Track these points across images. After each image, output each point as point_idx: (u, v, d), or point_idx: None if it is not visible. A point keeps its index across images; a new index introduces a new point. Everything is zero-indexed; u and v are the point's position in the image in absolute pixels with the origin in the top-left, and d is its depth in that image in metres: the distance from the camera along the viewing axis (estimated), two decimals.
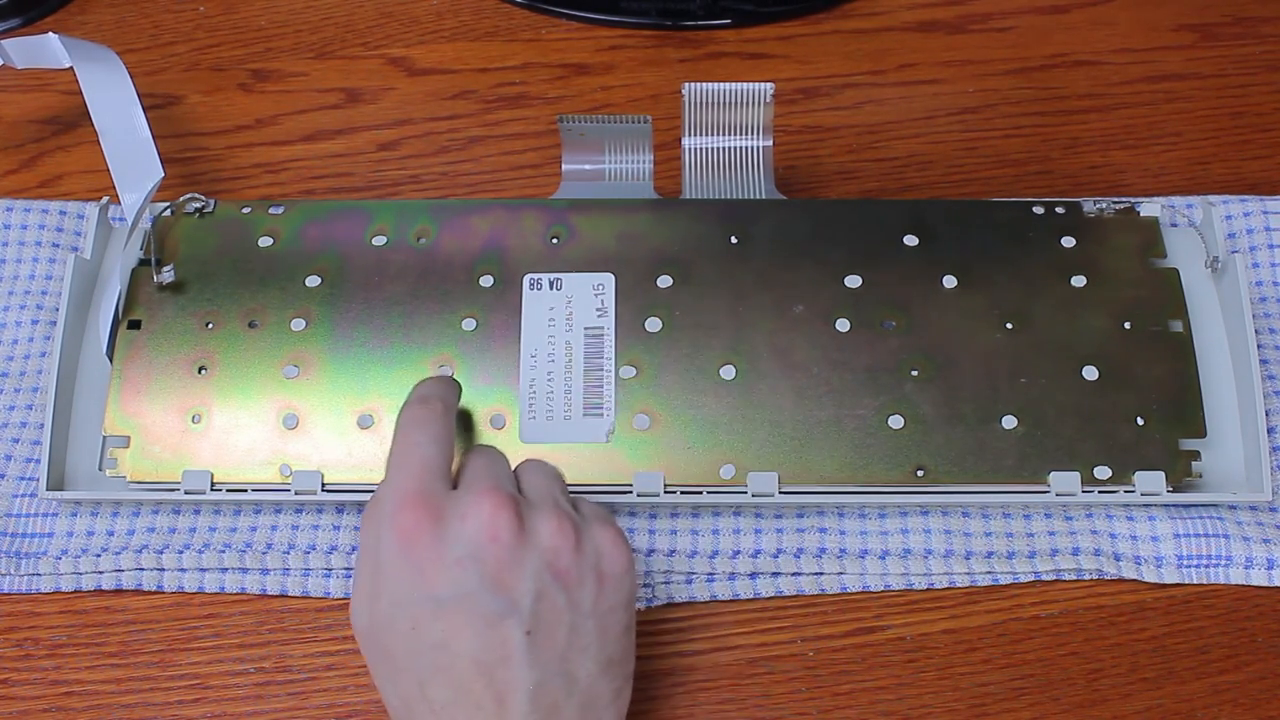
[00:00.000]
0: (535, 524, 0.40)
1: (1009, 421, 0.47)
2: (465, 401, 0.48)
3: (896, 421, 0.47)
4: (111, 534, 0.48)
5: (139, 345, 0.49)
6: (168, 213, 0.52)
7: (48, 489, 0.47)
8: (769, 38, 0.64)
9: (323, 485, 0.47)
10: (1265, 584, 0.47)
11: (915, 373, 0.48)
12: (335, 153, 0.60)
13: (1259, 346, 0.49)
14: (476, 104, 0.62)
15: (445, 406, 0.43)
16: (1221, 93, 0.62)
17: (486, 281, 0.50)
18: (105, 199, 0.52)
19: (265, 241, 0.51)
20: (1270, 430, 0.50)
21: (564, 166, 0.54)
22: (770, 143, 0.53)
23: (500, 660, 0.38)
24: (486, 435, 0.47)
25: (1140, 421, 0.47)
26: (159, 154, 0.52)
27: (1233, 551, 0.47)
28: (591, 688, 0.39)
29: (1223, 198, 0.56)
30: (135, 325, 0.49)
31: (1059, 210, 0.51)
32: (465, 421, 0.48)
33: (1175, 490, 0.46)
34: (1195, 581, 0.48)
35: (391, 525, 0.39)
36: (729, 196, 0.53)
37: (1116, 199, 0.52)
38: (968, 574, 0.47)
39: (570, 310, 0.49)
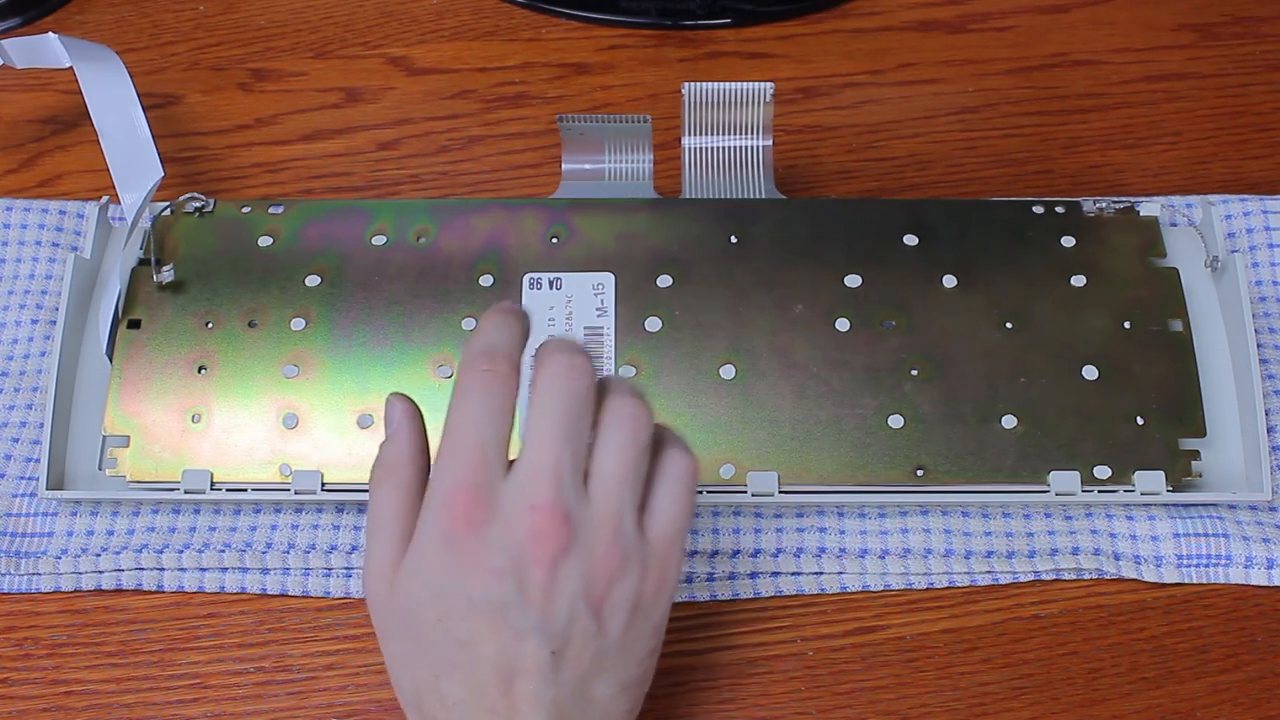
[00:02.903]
0: (584, 546, 0.38)
1: (1009, 421, 0.47)
2: None
3: (896, 421, 0.47)
4: (111, 534, 0.48)
5: (139, 345, 0.49)
6: (167, 212, 0.52)
7: (48, 488, 0.47)
8: (769, 37, 0.64)
9: (322, 485, 0.47)
10: (1265, 584, 0.47)
11: (915, 372, 0.48)
12: (335, 152, 0.60)
13: (1259, 346, 0.49)
14: (476, 104, 0.62)
15: (511, 365, 0.39)
16: (1221, 93, 0.62)
17: (486, 281, 0.50)
18: (105, 199, 0.52)
19: (265, 241, 0.51)
20: (1270, 430, 0.50)
21: (564, 166, 0.54)
22: (770, 142, 0.53)
23: (522, 672, 0.38)
24: None
25: (1140, 421, 0.47)
26: (159, 154, 0.52)
27: (1232, 551, 0.47)
28: (607, 707, 0.39)
29: (1223, 197, 0.56)
30: (135, 325, 0.49)
31: (1059, 210, 0.51)
32: None
33: (1175, 490, 0.46)
34: (1195, 581, 0.48)
35: (438, 509, 0.38)
36: (729, 196, 0.53)
37: (1116, 199, 0.52)
38: (967, 574, 0.47)
39: (570, 310, 0.49)
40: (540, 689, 0.38)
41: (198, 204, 0.52)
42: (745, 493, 0.47)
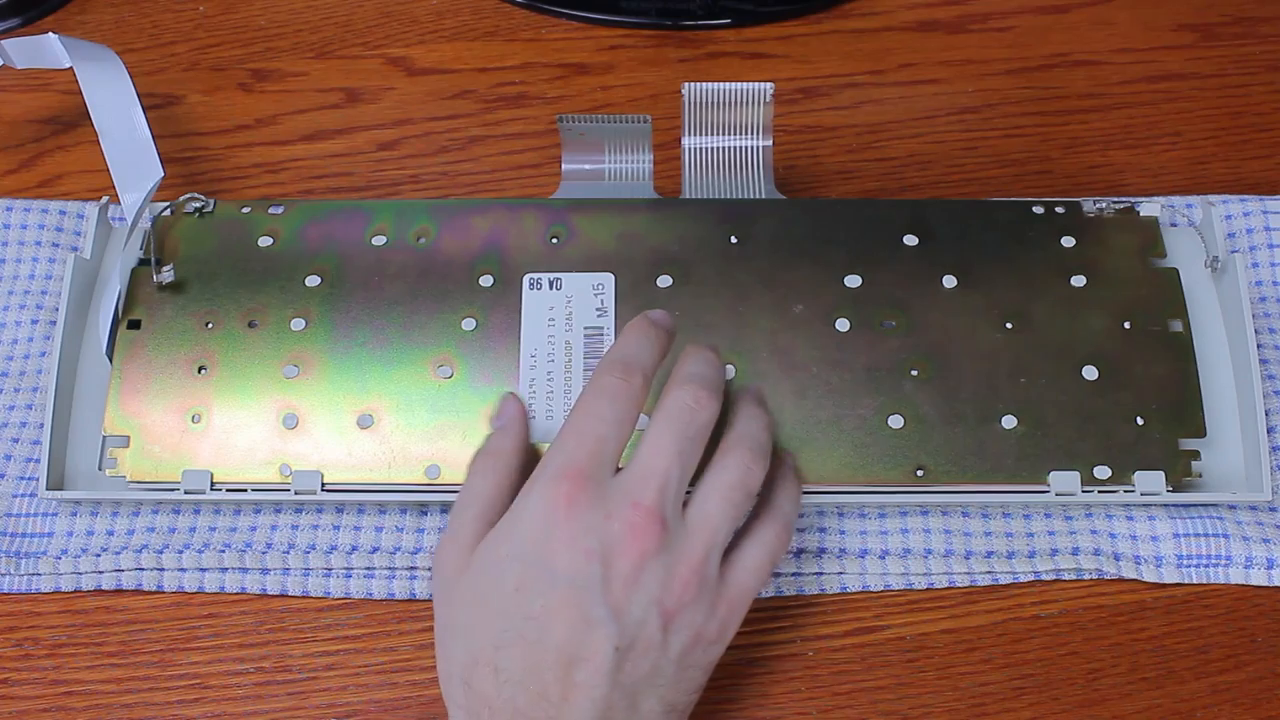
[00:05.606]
0: (670, 558, 0.40)
1: (1009, 421, 0.47)
2: (464, 401, 0.48)
3: (896, 421, 0.47)
4: (111, 534, 0.48)
5: (139, 345, 0.49)
6: (167, 212, 0.52)
7: (48, 489, 0.47)
8: (769, 37, 0.64)
9: (322, 485, 0.47)
10: (1265, 584, 0.47)
11: (915, 373, 0.48)
12: (335, 152, 0.60)
13: (1259, 346, 0.49)
14: (476, 104, 0.62)
15: (644, 380, 0.42)
16: (1221, 93, 0.62)
17: (486, 281, 0.50)
18: (105, 199, 0.52)
19: (265, 241, 0.51)
20: (1270, 430, 0.50)
21: (564, 166, 0.54)
22: (770, 142, 0.53)
23: (583, 660, 0.38)
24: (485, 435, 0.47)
25: (1140, 421, 0.47)
26: (159, 154, 0.52)
27: (1232, 551, 0.47)
28: None
29: (1223, 197, 0.56)
30: (135, 325, 0.49)
31: (1059, 210, 0.51)
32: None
33: (1175, 490, 0.46)
34: (1195, 581, 0.48)
35: (546, 483, 0.40)
36: (729, 196, 0.53)
37: (1116, 199, 0.52)
38: (968, 574, 0.47)
39: (570, 310, 0.49)
40: (596, 682, 0.38)
41: (198, 204, 0.52)
42: None
